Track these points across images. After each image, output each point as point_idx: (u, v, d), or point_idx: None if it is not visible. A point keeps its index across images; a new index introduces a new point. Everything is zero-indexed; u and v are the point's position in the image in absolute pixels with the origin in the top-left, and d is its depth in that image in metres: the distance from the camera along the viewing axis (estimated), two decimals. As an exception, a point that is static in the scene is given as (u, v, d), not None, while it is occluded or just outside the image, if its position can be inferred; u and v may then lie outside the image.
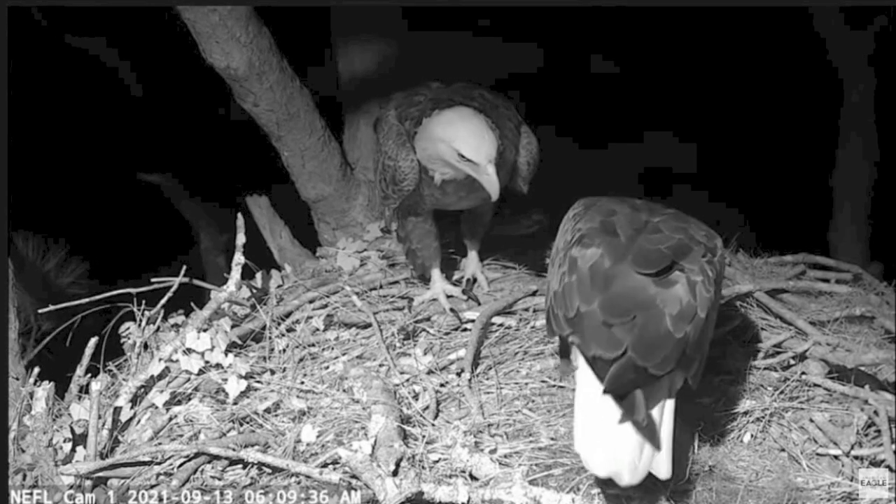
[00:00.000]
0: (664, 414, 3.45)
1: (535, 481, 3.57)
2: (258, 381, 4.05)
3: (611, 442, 3.40)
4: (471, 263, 4.57)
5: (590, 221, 3.67)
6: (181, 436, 3.88)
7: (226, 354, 4.09)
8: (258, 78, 4.63)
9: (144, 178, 6.62)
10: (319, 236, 5.11)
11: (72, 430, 3.84)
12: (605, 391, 3.38)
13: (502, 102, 4.28)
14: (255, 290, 4.45)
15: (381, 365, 4.11)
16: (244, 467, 3.72)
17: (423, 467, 3.64)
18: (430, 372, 4.04)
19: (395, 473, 3.55)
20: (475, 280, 4.54)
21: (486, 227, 4.54)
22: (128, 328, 4.25)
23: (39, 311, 4.41)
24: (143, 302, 4.22)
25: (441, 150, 4.06)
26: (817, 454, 3.76)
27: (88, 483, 3.71)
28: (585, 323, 3.45)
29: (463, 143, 3.99)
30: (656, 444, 3.41)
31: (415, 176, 4.16)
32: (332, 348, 4.23)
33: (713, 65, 6.38)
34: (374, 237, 4.89)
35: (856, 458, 3.73)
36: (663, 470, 3.42)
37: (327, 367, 4.14)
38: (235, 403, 3.96)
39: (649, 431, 3.39)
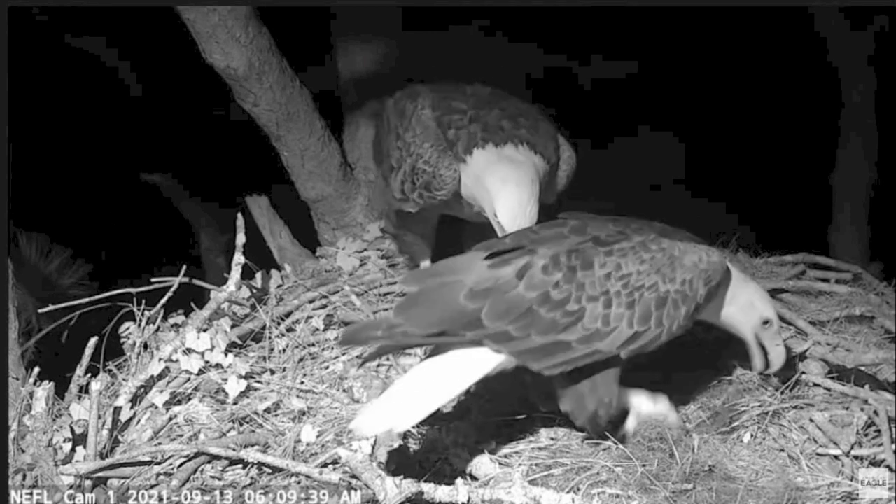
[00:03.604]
0: (440, 380, 3.49)
1: (535, 481, 3.57)
2: (258, 381, 4.05)
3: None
4: None
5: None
6: (181, 436, 3.88)
7: (226, 354, 4.09)
8: (258, 78, 4.63)
9: (145, 179, 6.63)
10: (319, 236, 5.11)
11: (72, 430, 3.84)
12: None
13: (541, 115, 4.15)
14: (255, 290, 4.44)
15: (380, 365, 4.11)
16: (244, 467, 3.71)
17: (422, 467, 3.64)
18: (430, 372, 4.04)
19: (395, 473, 3.55)
20: None
21: None
22: (128, 328, 4.24)
23: (40, 311, 4.41)
24: (143, 302, 4.22)
25: (481, 195, 3.95)
26: (817, 454, 3.75)
27: (88, 483, 3.71)
28: None
29: (504, 208, 3.86)
30: (399, 402, 3.48)
31: (454, 186, 4.01)
32: (332, 348, 4.23)
33: (713, 65, 6.38)
34: (374, 237, 4.89)
35: (856, 458, 3.71)
36: (399, 426, 3.49)
37: (327, 367, 4.14)
38: (235, 403, 3.96)
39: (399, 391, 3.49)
